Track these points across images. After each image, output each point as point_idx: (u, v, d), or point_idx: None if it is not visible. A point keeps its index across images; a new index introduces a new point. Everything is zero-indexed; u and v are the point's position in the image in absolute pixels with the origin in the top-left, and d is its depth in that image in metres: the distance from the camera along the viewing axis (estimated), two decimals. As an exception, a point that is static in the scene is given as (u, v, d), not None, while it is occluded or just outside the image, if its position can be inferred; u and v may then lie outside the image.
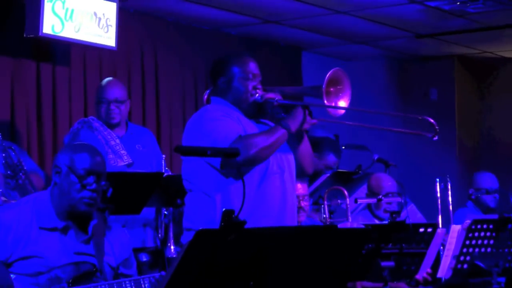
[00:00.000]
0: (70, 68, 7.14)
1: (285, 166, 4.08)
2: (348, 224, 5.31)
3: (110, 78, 6.17)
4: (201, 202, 3.95)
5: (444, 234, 5.43)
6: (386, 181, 6.02)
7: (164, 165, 5.72)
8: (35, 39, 6.51)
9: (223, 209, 2.75)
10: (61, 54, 7.04)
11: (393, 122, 9.52)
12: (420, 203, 6.69)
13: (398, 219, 5.61)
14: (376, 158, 6.68)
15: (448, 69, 9.99)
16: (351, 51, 9.57)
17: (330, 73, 3.94)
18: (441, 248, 5.38)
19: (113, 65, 7.35)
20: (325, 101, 3.92)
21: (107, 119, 5.73)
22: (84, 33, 6.65)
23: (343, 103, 4.00)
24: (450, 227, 5.46)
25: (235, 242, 2.75)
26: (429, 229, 4.96)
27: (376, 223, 5.65)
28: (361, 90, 7.29)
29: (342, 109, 3.99)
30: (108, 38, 6.81)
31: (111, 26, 6.80)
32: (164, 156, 5.81)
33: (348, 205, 5.49)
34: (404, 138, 9.45)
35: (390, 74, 10.20)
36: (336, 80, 3.99)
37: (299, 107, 3.97)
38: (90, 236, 3.72)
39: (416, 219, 6.11)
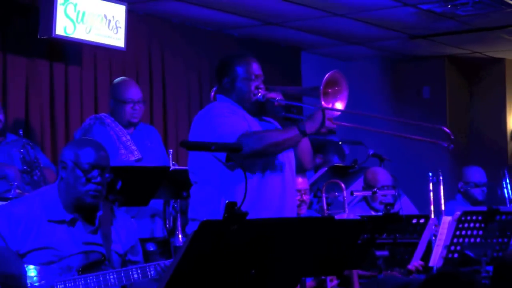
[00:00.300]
0: (82, 68, 7.15)
1: (286, 162, 4.09)
2: (345, 216, 5.32)
3: (128, 79, 6.19)
4: (206, 194, 3.96)
5: (436, 225, 5.45)
6: (382, 175, 6.03)
7: (171, 160, 5.74)
8: (49, 40, 6.52)
9: (226, 201, 2.76)
10: (73, 54, 7.05)
11: (389, 123, 9.54)
12: (413, 196, 6.70)
13: (392, 211, 5.63)
14: (371, 153, 6.68)
15: (440, 69, 9.98)
16: (348, 52, 9.57)
17: (328, 75, 3.93)
18: (433, 239, 5.39)
19: (122, 65, 7.36)
20: (323, 102, 3.90)
21: (130, 118, 5.76)
22: (95, 35, 6.66)
23: (340, 104, 3.98)
24: (441, 219, 5.47)
25: (238, 232, 2.76)
26: (422, 221, 4.98)
27: (371, 215, 5.66)
28: (357, 89, 7.30)
29: (338, 112, 3.97)
30: (118, 39, 6.82)
31: (120, 28, 6.80)
32: (171, 151, 5.83)
33: (345, 198, 5.50)
34: (395, 127, 9.43)
35: (385, 73, 10.19)
36: (334, 82, 3.98)
37: (319, 111, 3.88)
38: (97, 226, 3.73)
39: (409, 211, 6.11)
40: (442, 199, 6.36)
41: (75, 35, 6.52)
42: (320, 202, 5.65)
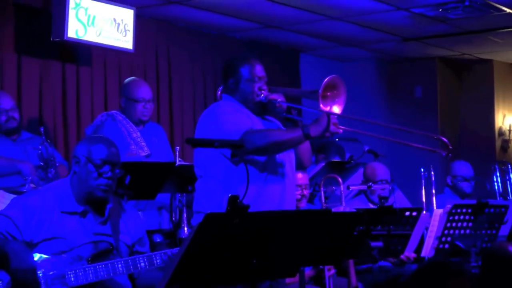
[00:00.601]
0: (92, 69, 7.15)
1: (287, 160, 4.09)
2: (341, 209, 5.32)
3: (139, 79, 6.18)
4: (210, 188, 3.95)
5: (428, 218, 5.44)
6: (380, 170, 6.03)
7: (177, 156, 5.74)
8: (61, 43, 6.51)
9: (229, 195, 2.76)
10: (84, 56, 7.04)
11: (384, 121, 9.54)
12: (406, 190, 6.69)
13: (386, 204, 5.62)
14: (367, 149, 6.69)
15: (431, 69, 9.98)
16: (345, 53, 9.56)
17: (327, 80, 3.91)
18: (425, 230, 5.38)
19: (131, 66, 7.35)
20: (321, 105, 3.89)
21: (141, 116, 5.76)
22: (105, 37, 6.65)
23: (338, 108, 3.96)
24: (433, 211, 5.47)
25: (240, 224, 2.76)
26: (414, 213, 4.97)
27: (367, 208, 5.66)
28: (353, 88, 7.28)
29: (335, 114, 3.92)
30: (126, 42, 6.81)
31: (129, 31, 6.80)
32: (178, 148, 5.83)
33: (342, 191, 5.50)
34: (392, 132, 9.42)
35: (379, 74, 10.19)
36: (333, 86, 3.96)
37: (325, 116, 3.83)
38: (107, 218, 3.73)
39: (402, 204, 6.11)
40: (434, 193, 6.37)
41: (86, 38, 6.51)
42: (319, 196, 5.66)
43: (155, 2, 7.11)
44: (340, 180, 5.52)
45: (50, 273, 3.54)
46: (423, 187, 6.25)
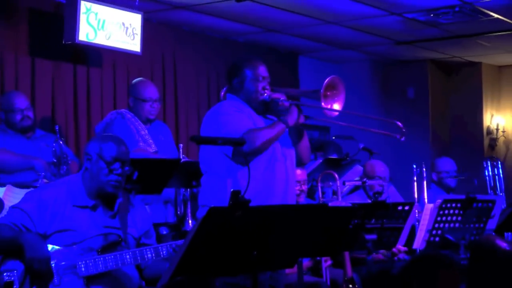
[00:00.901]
0: (102, 70, 7.15)
1: (287, 156, 4.10)
2: (338, 203, 5.32)
3: (147, 80, 6.17)
4: (214, 183, 3.96)
5: (419, 212, 5.44)
6: (379, 167, 6.04)
7: (181, 153, 5.74)
8: (72, 45, 6.51)
9: (232, 190, 2.76)
10: (94, 58, 7.04)
11: (380, 122, 9.54)
12: (399, 185, 6.70)
13: (380, 199, 5.62)
14: (362, 147, 6.69)
15: (423, 71, 9.97)
16: (341, 56, 9.56)
17: (328, 80, 3.96)
18: (416, 224, 5.38)
19: (139, 68, 7.35)
20: (323, 103, 3.94)
21: (148, 115, 5.76)
22: (114, 40, 6.65)
23: (338, 105, 4.02)
24: (424, 206, 5.46)
25: (241, 218, 2.76)
26: (406, 207, 4.97)
27: (362, 202, 5.66)
28: (349, 89, 7.28)
29: (336, 111, 4.03)
30: (134, 45, 6.81)
31: (137, 35, 6.79)
32: (182, 146, 5.84)
33: (339, 187, 5.50)
34: (386, 131, 9.42)
35: (374, 75, 10.18)
36: (333, 86, 4.00)
37: (293, 106, 4.02)
38: (116, 212, 3.74)
39: (395, 199, 6.11)
40: (425, 188, 6.37)
41: (96, 41, 6.51)
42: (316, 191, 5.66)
43: (162, 7, 7.11)
44: (337, 176, 5.52)
45: (62, 263, 3.54)
46: (415, 183, 6.25)
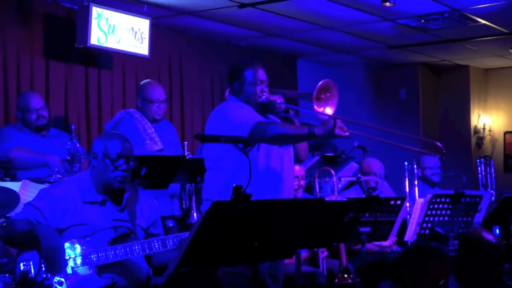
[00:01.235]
0: (112, 72, 7.14)
1: (286, 154, 4.09)
2: (334, 197, 5.32)
3: (154, 81, 6.16)
4: (218, 178, 3.95)
5: (410, 206, 5.43)
6: (375, 164, 6.04)
7: (186, 150, 5.74)
8: (84, 49, 6.51)
9: (234, 185, 2.76)
10: (105, 61, 7.04)
11: (372, 120, 9.54)
12: (391, 181, 6.69)
13: (374, 194, 5.62)
14: (356, 145, 6.68)
15: (414, 74, 9.96)
16: (337, 59, 9.55)
17: (321, 83, 3.88)
18: (407, 217, 5.38)
19: (147, 70, 7.35)
20: (315, 106, 3.85)
21: (155, 115, 5.74)
22: (123, 44, 6.64)
23: (330, 109, 3.91)
24: (415, 200, 5.46)
25: (243, 211, 2.76)
26: (398, 202, 4.96)
27: (356, 197, 5.65)
28: (344, 90, 7.28)
29: (326, 116, 3.86)
30: (143, 48, 6.80)
31: (145, 39, 6.79)
32: (186, 143, 5.83)
33: (335, 182, 5.49)
34: (381, 131, 9.41)
35: (368, 78, 10.18)
36: (327, 89, 3.94)
37: (331, 118, 3.72)
38: (124, 205, 3.73)
39: (388, 194, 6.11)
40: (416, 183, 6.36)
41: (107, 45, 6.51)
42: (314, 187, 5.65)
43: (169, 13, 7.10)
44: (333, 172, 5.51)
45: (75, 254, 3.54)
46: (407, 179, 6.25)
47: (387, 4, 6.16)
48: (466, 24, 7.55)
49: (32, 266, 3.48)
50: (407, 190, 6.18)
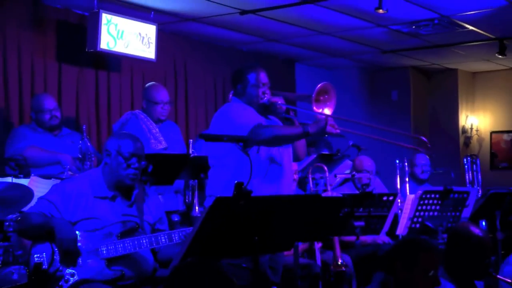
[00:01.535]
0: (121, 75, 7.14)
1: (285, 153, 4.10)
2: (329, 193, 5.31)
3: (158, 84, 6.16)
4: (220, 175, 3.96)
5: (401, 202, 5.43)
6: (366, 162, 6.03)
7: (190, 147, 5.73)
8: (94, 53, 6.51)
9: (236, 182, 2.76)
10: (114, 65, 7.04)
11: (366, 120, 9.53)
12: (384, 178, 6.69)
13: (367, 190, 5.62)
14: (351, 144, 6.67)
15: (406, 77, 9.96)
16: (333, 63, 9.54)
17: (320, 86, 3.92)
18: (399, 212, 5.38)
19: (153, 73, 7.34)
20: (314, 108, 3.90)
21: (160, 116, 5.74)
22: (131, 49, 6.64)
23: (328, 110, 3.97)
24: (406, 196, 5.46)
25: (244, 206, 2.76)
26: (390, 198, 4.97)
27: (351, 193, 5.65)
28: (340, 92, 7.28)
29: (324, 116, 3.91)
30: (149, 53, 6.80)
31: (152, 43, 6.79)
32: (192, 141, 5.82)
33: (328, 178, 5.48)
34: (373, 129, 9.40)
35: (362, 80, 10.18)
36: (325, 91, 3.97)
37: (323, 117, 3.83)
38: (133, 201, 3.73)
39: (381, 190, 6.11)
40: (407, 180, 6.36)
41: (116, 49, 6.51)
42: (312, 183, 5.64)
43: (174, 19, 7.10)
44: (326, 168, 5.49)
45: (86, 247, 3.54)
46: (398, 176, 6.25)
47: (380, 11, 6.17)
48: (455, 30, 7.55)
49: (45, 259, 3.48)
50: (398, 187, 6.19)
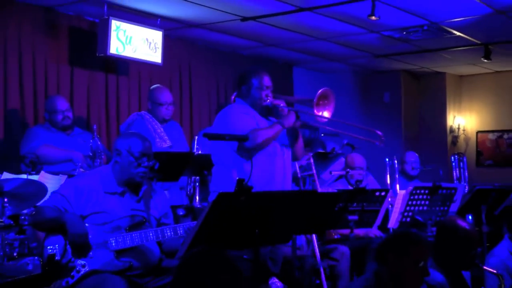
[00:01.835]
0: (129, 78, 7.14)
1: (285, 153, 4.10)
2: (325, 189, 5.31)
3: (163, 86, 6.15)
4: (223, 173, 3.96)
5: (392, 197, 5.43)
6: (358, 159, 6.04)
7: (194, 145, 5.73)
8: (104, 57, 6.51)
9: (237, 178, 2.76)
10: (123, 68, 7.04)
11: (359, 121, 9.53)
12: (376, 175, 6.68)
13: (361, 186, 5.61)
14: (345, 143, 6.67)
15: (397, 80, 9.95)
16: (328, 67, 9.54)
17: (321, 91, 4.00)
18: (390, 207, 5.38)
19: (160, 77, 7.34)
20: (315, 111, 3.97)
21: (165, 116, 5.75)
22: (139, 53, 6.64)
23: (327, 113, 4.06)
24: (397, 192, 5.46)
25: (245, 201, 2.76)
26: (382, 193, 4.96)
27: (346, 189, 5.65)
28: (335, 95, 7.27)
29: (325, 119, 4.07)
30: (156, 57, 6.80)
31: (158, 48, 6.79)
32: (197, 137, 5.81)
33: (315, 175, 5.46)
34: (367, 130, 9.40)
35: (356, 83, 10.17)
36: (325, 96, 4.02)
37: (292, 111, 4.03)
38: (141, 197, 3.73)
39: (373, 186, 6.11)
40: (397, 177, 6.36)
41: (124, 54, 6.51)
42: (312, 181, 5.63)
43: (179, 26, 7.10)
44: (313, 167, 5.45)
45: (96, 239, 3.54)
46: (388, 173, 6.25)
47: (373, 18, 6.17)
48: (443, 36, 7.54)
49: (57, 251, 3.48)
50: (389, 183, 6.19)
